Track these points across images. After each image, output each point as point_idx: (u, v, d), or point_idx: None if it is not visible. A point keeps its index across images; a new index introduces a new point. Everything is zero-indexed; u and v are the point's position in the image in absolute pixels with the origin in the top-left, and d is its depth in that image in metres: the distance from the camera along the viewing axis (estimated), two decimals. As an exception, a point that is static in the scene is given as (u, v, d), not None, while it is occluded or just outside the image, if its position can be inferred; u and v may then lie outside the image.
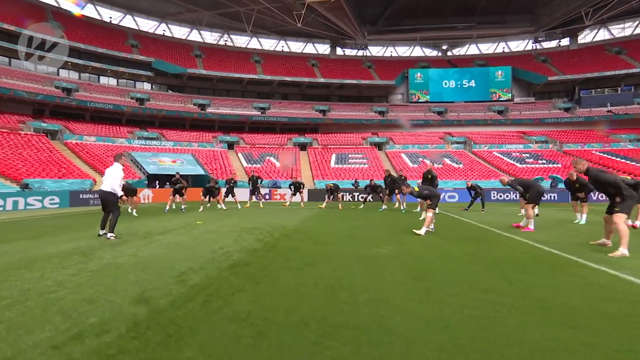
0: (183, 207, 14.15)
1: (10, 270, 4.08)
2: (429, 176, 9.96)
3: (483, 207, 13.39)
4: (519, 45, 47.94)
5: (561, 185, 20.69)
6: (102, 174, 13.02)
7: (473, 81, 43.81)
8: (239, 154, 33.84)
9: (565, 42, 45.87)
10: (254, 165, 31.23)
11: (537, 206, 8.60)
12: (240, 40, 48.20)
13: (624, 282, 3.66)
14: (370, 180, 15.13)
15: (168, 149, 31.23)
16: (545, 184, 22.46)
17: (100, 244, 5.98)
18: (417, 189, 7.65)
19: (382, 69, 45.82)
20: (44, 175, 19.98)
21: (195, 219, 10.28)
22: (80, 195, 17.65)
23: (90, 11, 39.47)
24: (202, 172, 26.65)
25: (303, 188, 16.47)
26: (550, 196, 20.05)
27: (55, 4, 36.92)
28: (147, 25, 43.36)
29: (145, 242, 6.18)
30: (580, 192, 9.06)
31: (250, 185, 15.51)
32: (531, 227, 7.57)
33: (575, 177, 8.93)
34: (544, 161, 30.46)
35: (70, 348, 2.12)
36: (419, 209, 11.04)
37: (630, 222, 7.98)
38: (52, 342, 2.19)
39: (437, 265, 4.46)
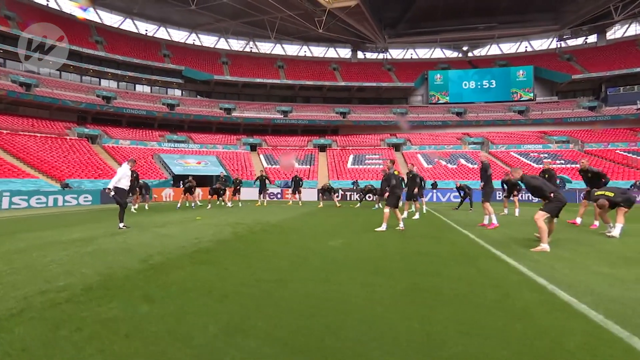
0: (193, 204, 15.90)
1: (24, 251, 5.34)
2: (410, 175, 10.91)
3: (471, 207, 14.27)
4: (542, 44, 47.11)
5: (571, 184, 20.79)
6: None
7: (493, 81, 43.60)
8: (261, 155, 35.78)
9: (592, 38, 44.61)
10: (274, 166, 33.04)
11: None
12: (265, 47, 50.44)
13: (518, 274, 3.99)
14: (365, 186, 16.45)
15: (194, 151, 33.64)
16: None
17: (103, 234, 7.20)
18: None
19: (402, 72, 46.52)
20: (82, 176, 22.60)
21: (197, 215, 11.65)
22: (130, 194, 19.92)
23: (129, 25, 43.00)
24: (224, 173, 28.66)
25: (302, 185, 17.81)
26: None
27: (99, 20, 40.59)
28: (179, 35, 46.49)
29: (140, 233, 7.40)
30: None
31: (260, 184, 17.08)
32: (495, 222, 8.31)
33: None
34: (562, 161, 30.17)
35: (36, 298, 3.11)
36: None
37: (577, 221, 8.77)
38: (25, 295, 3.21)
39: (360, 256, 5.04)
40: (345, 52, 51.08)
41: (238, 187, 17.18)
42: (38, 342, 2.29)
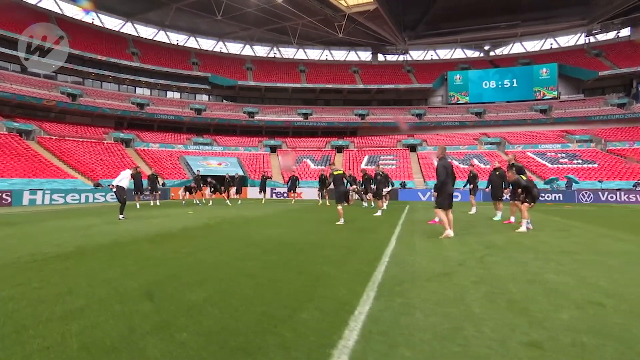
0: (197, 201, 17.82)
1: (37, 235, 7.01)
2: (378, 177, 12.16)
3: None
4: (569, 40, 45.49)
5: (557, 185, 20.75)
6: (161, 176, 17.27)
7: (515, 80, 42.75)
8: (279, 157, 37.62)
9: (624, 32, 42.50)
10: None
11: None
12: (289, 52, 52.39)
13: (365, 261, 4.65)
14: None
15: (218, 153, 36.07)
16: (560, 184, 22.45)
17: (103, 222, 9.02)
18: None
19: (421, 73, 46.72)
20: (113, 176, 25.05)
21: (192, 210, 13.43)
22: (133, 192, 22.36)
23: (162, 36, 46.52)
24: (242, 173, 30.71)
25: (298, 185, 19.27)
26: (555, 196, 20.30)
27: (135, 34, 44.32)
28: (207, 44, 49.52)
29: (132, 222, 9.05)
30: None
31: (260, 184, 18.78)
32: (436, 220, 9.26)
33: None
34: (580, 161, 29.49)
35: (25, 258, 4.66)
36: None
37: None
38: (17, 257, 4.75)
39: (266, 239, 6.21)
40: (366, 55, 51.96)
41: (229, 186, 18.96)
42: (17, 279, 3.94)
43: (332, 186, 9.50)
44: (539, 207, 15.84)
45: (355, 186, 14.96)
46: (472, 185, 12.02)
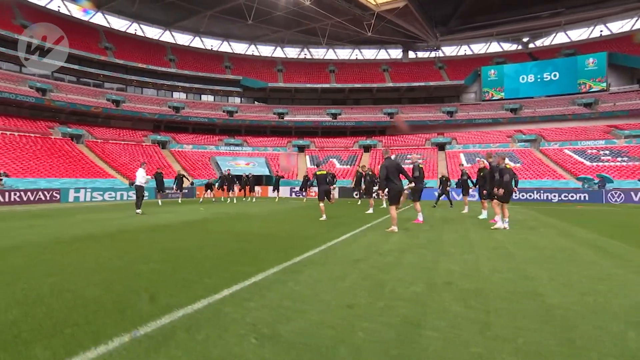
0: (214, 199, 18.89)
1: (65, 225, 8.16)
2: (367, 177, 12.94)
3: (436, 204, 14.98)
4: (623, 25, 41.68)
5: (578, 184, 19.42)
6: (191, 175, 18.60)
7: (556, 73, 40.10)
8: (307, 156, 38.29)
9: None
10: (315, 166, 35.24)
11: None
12: (319, 52, 52.97)
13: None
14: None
15: (247, 153, 37.44)
16: (596, 183, 20.94)
17: (122, 217, 10.19)
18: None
19: (453, 69, 45.28)
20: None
21: (203, 207, 14.70)
22: (155, 191, 23.94)
23: (197, 42, 48.99)
24: (267, 172, 31.71)
25: (310, 185, 19.64)
26: (580, 196, 19.00)
27: (173, 41, 47.08)
28: (239, 47, 51.38)
29: (146, 217, 10.13)
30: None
31: (274, 183, 19.44)
32: (420, 219, 9.11)
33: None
34: (626, 158, 27.21)
35: (52, 240, 5.93)
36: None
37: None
38: (44, 240, 5.92)
39: (240, 232, 7.24)
40: (396, 53, 51.22)
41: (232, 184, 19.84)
42: (46, 254, 4.72)
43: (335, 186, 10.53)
44: (540, 206, 15.13)
45: (334, 186, 16.08)
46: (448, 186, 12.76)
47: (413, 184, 8.25)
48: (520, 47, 46.45)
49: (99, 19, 42.44)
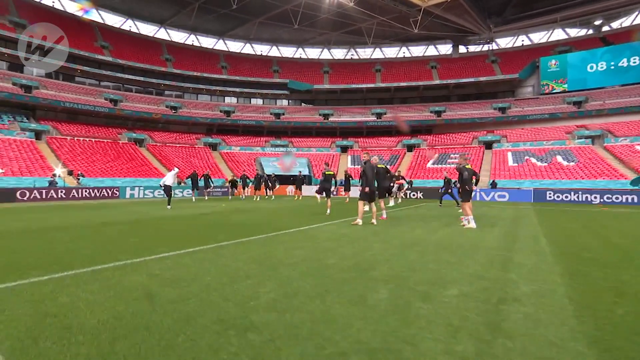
0: (242, 197, 20.28)
1: (110, 214, 9.82)
2: (345, 176, 13.52)
3: (441, 203, 14.53)
4: None
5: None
6: (237, 176, 20.36)
7: (636, 58, 35.45)
8: (348, 157, 38.61)
9: None
10: (357, 166, 35.37)
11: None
12: (366, 52, 52.82)
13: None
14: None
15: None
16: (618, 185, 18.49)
17: (155, 209, 11.81)
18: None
19: (507, 63, 42.36)
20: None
21: (226, 203, 16.02)
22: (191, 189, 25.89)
23: (247, 48, 51.70)
24: (306, 172, 32.64)
25: (336, 184, 20.05)
26: (628, 198, 16.92)
27: (225, 49, 50.26)
28: (287, 51, 53.15)
29: (173, 210, 11.66)
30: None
31: (297, 182, 20.34)
32: (384, 216, 9.43)
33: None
34: None
35: (96, 222, 7.45)
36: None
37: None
38: (90, 223, 7.53)
39: (229, 222, 8.05)
40: (446, 49, 49.23)
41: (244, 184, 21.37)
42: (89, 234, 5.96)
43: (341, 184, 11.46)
44: (567, 207, 13.83)
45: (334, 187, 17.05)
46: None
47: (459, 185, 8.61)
48: (591, 31, 41.85)
49: (162, 34, 46.85)
